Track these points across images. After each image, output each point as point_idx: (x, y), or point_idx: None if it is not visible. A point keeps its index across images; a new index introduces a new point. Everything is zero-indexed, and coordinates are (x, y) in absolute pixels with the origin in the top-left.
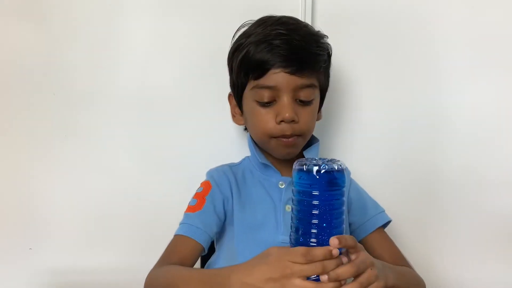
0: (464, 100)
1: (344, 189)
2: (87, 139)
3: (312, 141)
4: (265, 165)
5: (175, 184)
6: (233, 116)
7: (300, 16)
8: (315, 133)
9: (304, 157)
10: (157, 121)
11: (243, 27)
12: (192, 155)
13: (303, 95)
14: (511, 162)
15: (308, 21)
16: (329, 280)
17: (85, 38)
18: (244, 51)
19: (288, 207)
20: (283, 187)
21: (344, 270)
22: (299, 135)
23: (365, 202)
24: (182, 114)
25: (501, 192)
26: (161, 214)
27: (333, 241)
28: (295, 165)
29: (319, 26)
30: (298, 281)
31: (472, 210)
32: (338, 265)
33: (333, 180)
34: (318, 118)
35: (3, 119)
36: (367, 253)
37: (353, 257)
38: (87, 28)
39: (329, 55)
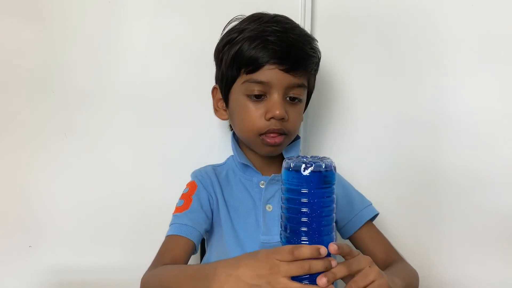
0: (465, 100)
1: (334, 186)
2: (86, 138)
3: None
4: (245, 165)
5: (176, 184)
6: (216, 110)
7: (300, 16)
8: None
9: (283, 155)
10: (158, 120)
11: (234, 21)
12: (194, 155)
13: (294, 93)
14: (511, 162)
15: (308, 21)
16: (328, 281)
17: (85, 38)
18: (238, 46)
19: (269, 207)
20: (263, 186)
21: (338, 269)
22: (285, 134)
23: (351, 197)
24: (183, 114)
25: (501, 192)
26: (161, 214)
27: (332, 246)
28: (284, 163)
29: (319, 26)
30: (285, 280)
31: (472, 210)
32: (326, 266)
33: (323, 178)
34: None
35: (3, 119)
36: (366, 256)
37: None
38: (87, 28)
39: (319, 59)
